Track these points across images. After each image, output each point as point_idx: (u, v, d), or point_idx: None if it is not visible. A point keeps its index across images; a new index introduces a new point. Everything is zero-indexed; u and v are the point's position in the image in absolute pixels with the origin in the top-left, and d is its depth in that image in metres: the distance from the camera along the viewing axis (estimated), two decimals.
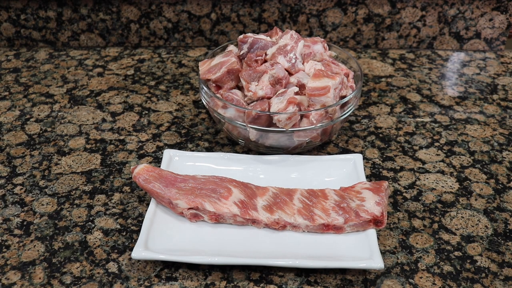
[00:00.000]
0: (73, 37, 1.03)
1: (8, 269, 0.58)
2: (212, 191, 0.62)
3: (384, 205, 0.60)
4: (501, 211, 0.66)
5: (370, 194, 0.61)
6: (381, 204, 0.60)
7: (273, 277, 0.57)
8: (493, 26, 1.00)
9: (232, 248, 0.59)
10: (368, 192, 0.61)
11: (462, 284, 0.56)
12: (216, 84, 0.72)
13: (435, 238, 0.62)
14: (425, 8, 0.98)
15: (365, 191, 0.62)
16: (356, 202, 0.61)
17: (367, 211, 0.59)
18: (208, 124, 0.81)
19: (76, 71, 0.96)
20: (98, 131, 0.80)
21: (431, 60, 0.99)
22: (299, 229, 0.61)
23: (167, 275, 0.57)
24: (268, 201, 0.62)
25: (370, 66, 0.98)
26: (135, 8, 1.00)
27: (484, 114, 0.84)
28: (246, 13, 1.00)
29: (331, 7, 0.99)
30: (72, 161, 0.74)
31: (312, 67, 0.71)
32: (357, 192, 0.62)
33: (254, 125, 0.67)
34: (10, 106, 0.86)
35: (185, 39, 1.04)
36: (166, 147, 0.77)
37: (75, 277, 0.57)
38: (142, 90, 0.90)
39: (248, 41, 0.73)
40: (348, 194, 0.62)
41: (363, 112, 0.85)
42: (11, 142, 0.78)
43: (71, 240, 0.62)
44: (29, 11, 1.00)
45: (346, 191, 0.63)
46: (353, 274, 0.57)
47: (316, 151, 0.75)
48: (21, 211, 0.66)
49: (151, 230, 0.59)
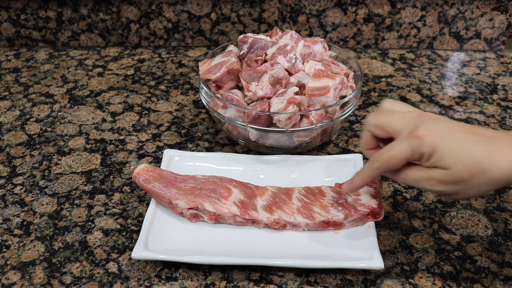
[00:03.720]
0: (73, 37, 1.03)
1: (8, 269, 0.58)
2: (212, 191, 0.62)
3: (380, 197, 0.61)
4: (501, 211, 0.66)
5: (364, 188, 0.61)
6: (376, 196, 0.61)
7: (273, 277, 0.57)
8: (493, 26, 1.00)
9: (232, 248, 0.59)
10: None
11: (462, 284, 0.56)
12: (216, 84, 0.72)
13: (435, 238, 0.62)
14: (425, 8, 0.98)
15: None
16: (352, 197, 0.61)
17: (364, 205, 0.60)
18: (208, 124, 0.81)
19: (76, 71, 0.96)
20: (98, 131, 0.80)
21: (431, 60, 0.99)
22: (299, 228, 0.61)
23: (167, 275, 0.57)
24: (268, 201, 0.62)
25: (370, 66, 0.98)
26: (135, 8, 1.00)
27: (484, 114, 0.84)
28: (246, 13, 1.00)
29: (331, 7, 0.99)
30: (72, 161, 0.74)
31: (312, 67, 0.71)
32: None
33: (254, 125, 0.67)
34: (10, 106, 0.86)
35: (185, 39, 1.04)
36: (166, 147, 0.77)
37: (75, 277, 0.57)
38: (142, 90, 0.90)
39: (248, 41, 0.73)
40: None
41: (363, 112, 0.85)
42: (11, 142, 0.78)
43: (71, 240, 0.62)
44: (29, 11, 1.00)
45: (341, 187, 0.63)
46: (353, 274, 0.57)
47: (316, 151, 0.75)
48: (21, 211, 0.66)
49: (151, 230, 0.59)
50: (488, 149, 0.46)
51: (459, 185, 0.47)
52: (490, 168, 0.45)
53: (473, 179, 0.46)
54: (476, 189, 0.47)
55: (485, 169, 0.45)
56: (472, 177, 0.46)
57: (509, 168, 0.45)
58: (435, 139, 0.47)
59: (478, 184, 0.46)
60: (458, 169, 0.46)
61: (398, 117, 0.51)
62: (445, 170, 0.47)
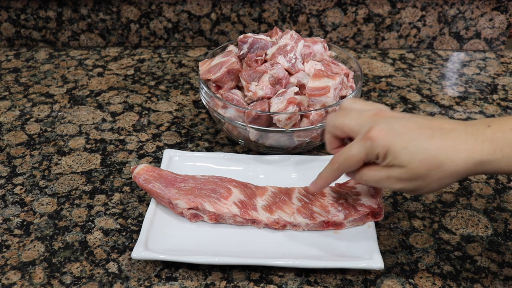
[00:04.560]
0: (73, 37, 1.03)
1: (8, 269, 0.58)
2: (212, 191, 0.62)
3: (380, 197, 0.61)
4: (501, 211, 0.66)
5: (364, 188, 0.61)
6: (376, 196, 0.61)
7: (273, 277, 0.57)
8: (493, 26, 1.00)
9: (232, 248, 0.59)
10: (362, 186, 0.62)
11: (462, 284, 0.56)
12: (216, 84, 0.72)
13: (435, 238, 0.62)
14: (425, 8, 0.98)
15: (358, 185, 0.62)
16: (352, 197, 0.61)
17: (364, 205, 0.60)
18: (208, 124, 0.81)
19: (76, 71, 0.96)
20: (98, 131, 0.80)
21: (431, 60, 0.99)
22: (299, 228, 0.61)
23: (167, 275, 0.57)
24: (268, 201, 0.62)
25: (370, 66, 0.98)
26: (135, 8, 1.00)
27: (484, 114, 0.84)
28: (246, 13, 1.00)
29: (331, 7, 0.99)
30: (72, 161, 0.74)
31: (312, 67, 0.71)
32: (351, 187, 0.63)
33: (254, 125, 0.67)
34: (10, 106, 0.86)
35: (185, 39, 1.04)
36: (166, 147, 0.77)
37: (75, 277, 0.57)
38: (142, 90, 0.90)
39: (248, 41, 0.73)
40: (343, 190, 0.63)
41: None
42: (11, 142, 0.78)
43: (71, 240, 0.62)
44: (29, 11, 1.00)
45: (341, 187, 0.63)
46: (353, 274, 0.57)
47: (316, 151, 0.75)
48: (21, 211, 0.66)
49: (151, 230, 0.59)
50: (443, 143, 0.46)
51: (418, 181, 0.47)
52: (446, 162, 0.46)
53: (430, 174, 0.46)
54: (436, 183, 0.47)
55: (441, 163, 0.46)
56: (429, 172, 0.46)
57: (465, 160, 0.45)
58: (388, 139, 0.47)
59: (437, 179, 0.47)
60: (413, 166, 0.46)
61: (355, 117, 0.51)
62: (402, 168, 0.47)
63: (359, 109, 0.52)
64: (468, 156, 0.45)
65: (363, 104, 0.53)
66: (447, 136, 0.46)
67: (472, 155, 0.45)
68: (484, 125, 0.46)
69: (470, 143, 0.45)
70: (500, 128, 0.45)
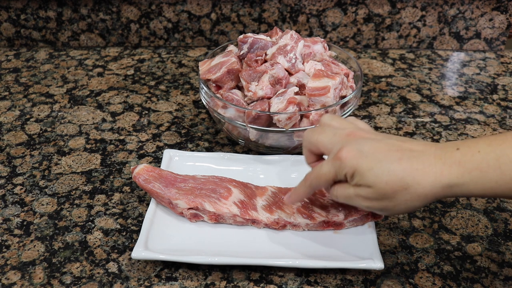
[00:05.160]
0: (73, 37, 1.03)
1: (8, 269, 0.58)
2: (212, 191, 0.62)
3: None
4: (501, 211, 0.66)
5: None
6: None
7: (273, 277, 0.57)
8: (493, 26, 1.00)
9: (232, 248, 0.59)
10: None
11: (462, 284, 0.56)
12: (216, 84, 0.72)
13: (435, 238, 0.62)
14: (425, 8, 0.98)
15: None
16: None
17: None
18: (208, 124, 0.81)
19: (76, 71, 0.96)
20: (98, 131, 0.80)
21: (431, 60, 0.99)
22: (299, 228, 0.61)
23: (167, 275, 0.57)
24: (268, 201, 0.62)
25: (370, 66, 0.98)
26: (135, 8, 1.00)
27: (484, 114, 0.84)
28: (246, 13, 1.00)
29: (331, 7, 0.99)
30: (72, 161, 0.74)
31: (312, 67, 0.71)
32: None
33: (254, 125, 0.67)
34: (10, 106, 0.86)
35: (185, 39, 1.04)
36: (166, 147, 0.77)
37: (75, 277, 0.57)
38: (142, 90, 0.90)
39: (248, 41, 0.73)
40: None
41: (363, 112, 0.85)
42: (11, 142, 0.78)
43: (71, 240, 0.62)
44: (29, 11, 1.00)
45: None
46: (353, 274, 0.57)
47: None
48: (21, 211, 0.66)
49: (151, 230, 0.59)
50: (411, 165, 0.46)
51: (385, 201, 0.48)
52: (413, 184, 0.46)
53: (397, 195, 0.47)
54: (404, 205, 0.48)
55: (408, 185, 0.46)
56: (396, 193, 0.47)
57: (433, 183, 0.46)
58: (355, 161, 0.48)
59: (404, 200, 0.47)
60: (380, 187, 0.47)
61: (329, 136, 0.52)
62: (369, 187, 0.48)
63: (336, 127, 0.53)
64: (436, 179, 0.45)
65: (341, 122, 0.54)
66: (416, 159, 0.47)
67: (440, 179, 0.45)
68: (453, 147, 0.47)
69: (438, 166, 0.46)
70: (469, 151, 0.46)
